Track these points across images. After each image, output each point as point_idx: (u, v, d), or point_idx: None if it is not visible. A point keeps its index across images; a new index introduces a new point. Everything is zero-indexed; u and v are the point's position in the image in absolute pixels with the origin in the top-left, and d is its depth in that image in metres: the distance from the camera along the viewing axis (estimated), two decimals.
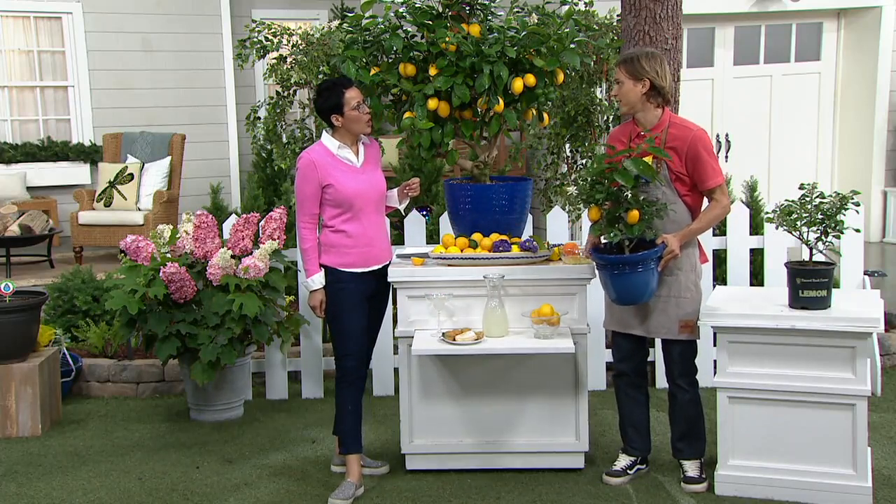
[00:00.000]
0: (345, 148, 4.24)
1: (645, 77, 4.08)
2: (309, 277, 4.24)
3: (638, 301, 4.04)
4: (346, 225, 4.22)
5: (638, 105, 4.14)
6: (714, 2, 9.30)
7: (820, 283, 3.94)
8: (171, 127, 9.55)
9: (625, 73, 4.12)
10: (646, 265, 3.95)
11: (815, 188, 4.04)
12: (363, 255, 4.26)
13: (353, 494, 4.17)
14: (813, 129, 10.20)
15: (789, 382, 3.98)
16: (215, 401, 5.33)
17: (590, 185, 4.00)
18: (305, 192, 4.19)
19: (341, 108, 4.18)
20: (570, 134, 7.59)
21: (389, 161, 8.88)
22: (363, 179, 4.24)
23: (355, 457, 4.29)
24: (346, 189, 4.17)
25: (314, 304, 4.27)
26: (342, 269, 4.23)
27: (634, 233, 3.96)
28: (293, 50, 7.75)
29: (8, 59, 9.50)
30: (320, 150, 4.23)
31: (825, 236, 3.99)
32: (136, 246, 5.18)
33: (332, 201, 4.19)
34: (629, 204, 3.95)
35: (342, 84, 4.20)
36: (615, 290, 4.04)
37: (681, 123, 4.16)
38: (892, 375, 5.73)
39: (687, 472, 4.28)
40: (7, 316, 5.06)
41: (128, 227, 8.06)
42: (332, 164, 4.19)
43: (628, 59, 4.13)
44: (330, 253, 4.24)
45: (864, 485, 3.95)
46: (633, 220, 3.96)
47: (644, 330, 4.22)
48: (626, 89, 4.12)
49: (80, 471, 4.62)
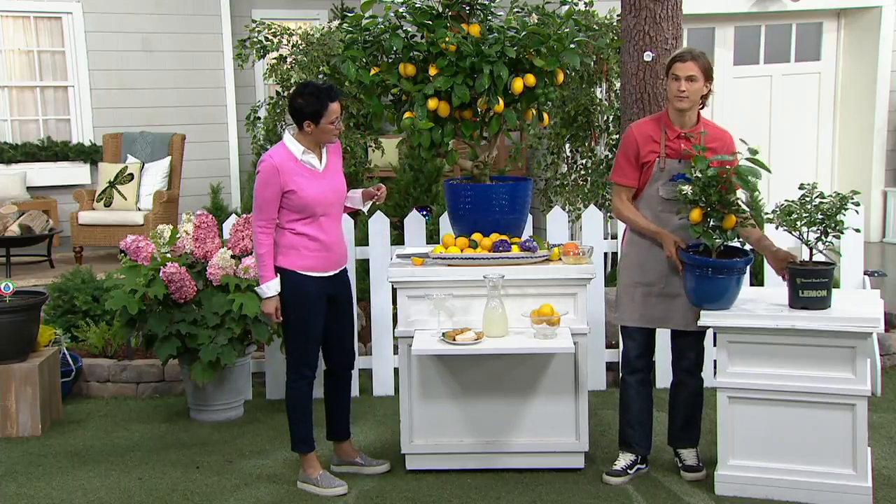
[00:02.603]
0: (309, 153, 4.13)
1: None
2: (264, 283, 4.13)
3: (714, 305, 4.01)
4: (306, 228, 4.13)
5: (696, 104, 4.12)
6: (714, 2, 9.30)
7: (820, 283, 3.93)
8: (171, 127, 9.55)
9: (701, 69, 4.05)
10: (730, 272, 3.95)
11: (814, 188, 4.04)
12: (323, 259, 4.18)
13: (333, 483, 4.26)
14: (813, 130, 10.20)
15: (789, 382, 3.97)
16: (215, 401, 5.33)
17: (703, 187, 3.95)
18: (265, 197, 4.06)
19: (319, 118, 4.05)
20: (570, 134, 7.60)
21: (389, 161, 8.89)
22: (325, 184, 4.15)
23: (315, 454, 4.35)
24: (308, 196, 4.07)
25: (270, 310, 4.16)
26: (302, 272, 4.15)
27: (730, 238, 3.99)
28: (293, 50, 7.75)
29: (8, 59, 9.51)
30: (284, 154, 4.10)
31: (825, 236, 3.99)
32: (136, 246, 5.18)
33: (293, 206, 4.09)
34: (732, 209, 3.95)
35: (329, 95, 4.05)
36: (694, 292, 4.03)
37: (713, 125, 4.21)
38: (892, 375, 5.73)
39: (686, 461, 4.33)
40: (7, 316, 5.06)
41: (128, 227, 8.05)
42: (294, 170, 4.07)
43: (701, 55, 4.08)
44: (288, 255, 4.14)
45: (864, 485, 3.95)
46: (729, 225, 3.97)
47: (673, 323, 4.23)
48: (698, 87, 4.06)
49: (80, 471, 4.62)
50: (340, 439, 4.51)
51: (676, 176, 4.12)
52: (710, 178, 3.92)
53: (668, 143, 4.13)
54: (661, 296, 4.21)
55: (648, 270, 4.22)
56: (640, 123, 4.26)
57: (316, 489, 4.26)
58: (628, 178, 4.21)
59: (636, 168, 4.20)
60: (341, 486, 4.26)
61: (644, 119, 4.36)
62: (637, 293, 4.25)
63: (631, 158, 4.19)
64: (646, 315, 4.25)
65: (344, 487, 4.26)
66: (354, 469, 4.47)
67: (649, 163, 4.16)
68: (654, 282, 4.21)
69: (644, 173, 4.19)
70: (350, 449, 4.52)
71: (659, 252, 4.19)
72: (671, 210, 4.16)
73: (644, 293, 4.24)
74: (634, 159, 4.19)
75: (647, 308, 4.24)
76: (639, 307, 4.26)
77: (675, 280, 4.17)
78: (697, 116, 4.18)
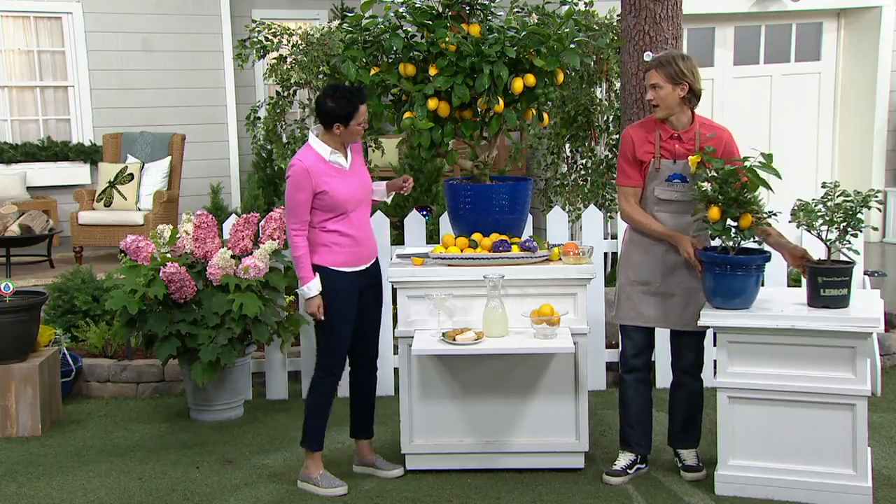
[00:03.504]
0: (336, 153, 4.18)
1: (684, 81, 4.07)
2: (304, 285, 4.17)
3: (735, 304, 4.01)
4: (337, 225, 4.18)
5: (676, 108, 4.12)
6: (714, 2, 9.30)
7: (841, 281, 3.94)
8: (171, 127, 9.55)
9: (663, 76, 4.07)
10: (748, 269, 3.96)
11: (836, 186, 4.04)
12: (354, 254, 4.24)
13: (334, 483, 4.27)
14: (813, 130, 10.20)
15: (789, 382, 3.97)
16: (215, 401, 5.33)
17: (720, 185, 3.96)
18: (298, 199, 4.12)
19: (349, 120, 4.11)
20: (570, 134, 7.59)
21: (389, 161, 8.89)
22: (353, 182, 4.22)
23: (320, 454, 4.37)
24: (339, 195, 4.14)
25: (313, 310, 4.20)
26: (334, 267, 4.20)
27: (747, 237, 4.00)
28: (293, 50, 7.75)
29: (8, 59, 9.51)
30: (312, 156, 4.15)
31: (845, 235, 3.99)
32: (136, 246, 5.18)
33: (325, 206, 4.14)
34: (750, 208, 3.96)
35: (360, 97, 4.12)
36: (714, 291, 4.03)
37: (710, 124, 4.21)
38: (892, 375, 5.73)
39: (686, 461, 4.34)
40: (7, 316, 5.06)
41: (128, 227, 8.05)
42: (324, 171, 4.13)
43: (665, 61, 4.08)
44: (321, 252, 4.20)
45: (864, 485, 3.95)
46: (746, 224, 3.97)
47: (669, 322, 4.24)
48: (666, 93, 4.08)
49: (80, 471, 4.62)
50: (362, 437, 4.51)
51: (672, 176, 4.14)
52: (728, 174, 3.94)
53: (662, 144, 4.16)
54: (658, 295, 4.22)
55: (645, 269, 4.24)
56: (636, 125, 4.31)
57: (315, 489, 4.27)
58: (632, 178, 4.23)
59: (637, 168, 4.22)
60: (341, 487, 4.26)
61: (640, 121, 4.40)
62: (634, 292, 4.27)
63: (630, 159, 4.22)
64: (642, 314, 4.26)
65: (344, 488, 4.26)
66: (370, 471, 4.47)
67: (645, 163, 4.19)
68: (651, 281, 4.23)
69: (641, 173, 4.22)
70: (367, 450, 4.51)
71: (656, 251, 4.20)
72: (667, 210, 4.19)
73: (641, 292, 4.25)
74: (633, 160, 4.21)
75: (643, 307, 4.25)
76: (635, 306, 4.27)
77: (671, 279, 4.19)
78: (692, 116, 4.18)
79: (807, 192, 4.73)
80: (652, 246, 4.22)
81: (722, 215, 3.99)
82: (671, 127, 4.16)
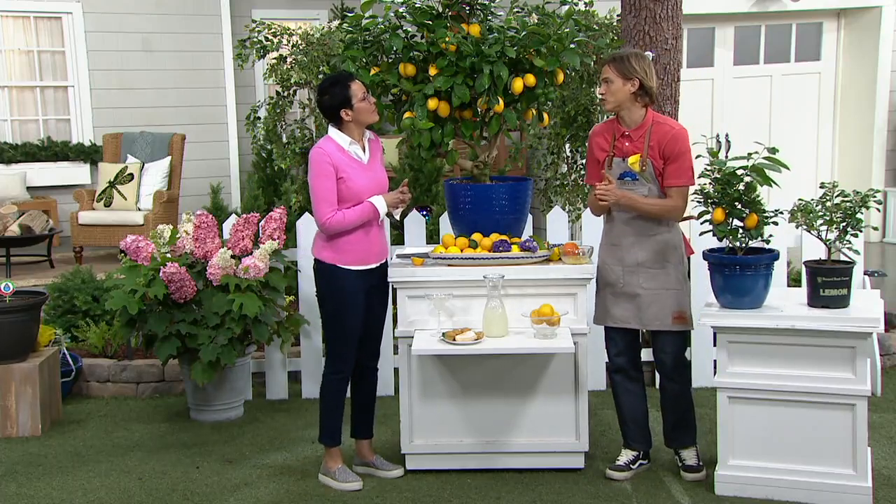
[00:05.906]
0: (355, 143, 4.22)
1: (635, 76, 4.15)
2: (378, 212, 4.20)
3: (744, 304, 4.02)
4: None
5: (625, 103, 4.20)
6: (714, 2, 9.30)
7: (840, 281, 3.95)
8: (171, 127, 9.55)
9: (615, 71, 4.17)
10: (756, 268, 3.97)
11: (835, 187, 4.06)
12: (364, 252, 4.26)
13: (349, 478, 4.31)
14: (813, 130, 10.20)
15: (789, 382, 3.97)
16: (215, 401, 5.33)
17: (723, 185, 3.98)
18: (325, 186, 4.12)
19: (350, 102, 4.15)
20: (570, 134, 7.59)
21: (389, 161, 8.88)
22: (370, 176, 4.25)
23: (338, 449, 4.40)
24: (356, 185, 4.16)
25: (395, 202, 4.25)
26: (342, 266, 4.22)
27: (753, 237, 4.02)
28: (293, 50, 7.75)
29: (8, 59, 9.51)
30: (331, 144, 4.20)
31: (844, 235, 3.99)
32: (136, 246, 5.18)
33: (342, 196, 4.16)
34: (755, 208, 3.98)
35: (345, 79, 4.18)
36: (723, 292, 4.04)
37: (664, 122, 4.26)
38: (892, 375, 5.73)
39: (686, 461, 4.35)
40: (7, 316, 5.06)
41: (128, 227, 8.05)
42: (343, 160, 4.17)
43: (618, 57, 4.19)
44: (331, 249, 4.22)
45: (864, 485, 3.95)
46: (752, 224, 4.00)
47: (639, 322, 4.27)
48: (616, 88, 4.17)
49: (80, 471, 4.62)
50: (362, 437, 4.52)
51: (623, 174, 4.22)
52: (729, 174, 3.95)
53: (616, 143, 4.26)
54: (623, 295, 4.29)
55: (609, 271, 4.33)
56: (600, 124, 4.45)
57: (332, 482, 4.32)
58: (593, 176, 4.38)
59: (596, 166, 4.35)
60: (356, 482, 4.30)
61: (605, 121, 4.49)
62: (606, 293, 4.36)
63: (590, 158, 4.38)
64: (612, 315, 4.33)
65: (359, 484, 4.30)
66: (370, 471, 4.47)
67: (601, 161, 4.30)
68: (614, 282, 4.31)
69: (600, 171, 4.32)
70: (367, 450, 4.52)
71: (615, 252, 4.30)
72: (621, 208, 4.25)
73: (610, 293, 4.34)
74: (592, 158, 4.37)
75: (613, 308, 4.33)
76: (606, 307, 4.36)
77: (632, 280, 4.26)
78: (646, 115, 4.23)
79: (807, 192, 4.74)
80: (610, 247, 4.33)
81: (726, 217, 4.01)
82: (623, 125, 4.25)
